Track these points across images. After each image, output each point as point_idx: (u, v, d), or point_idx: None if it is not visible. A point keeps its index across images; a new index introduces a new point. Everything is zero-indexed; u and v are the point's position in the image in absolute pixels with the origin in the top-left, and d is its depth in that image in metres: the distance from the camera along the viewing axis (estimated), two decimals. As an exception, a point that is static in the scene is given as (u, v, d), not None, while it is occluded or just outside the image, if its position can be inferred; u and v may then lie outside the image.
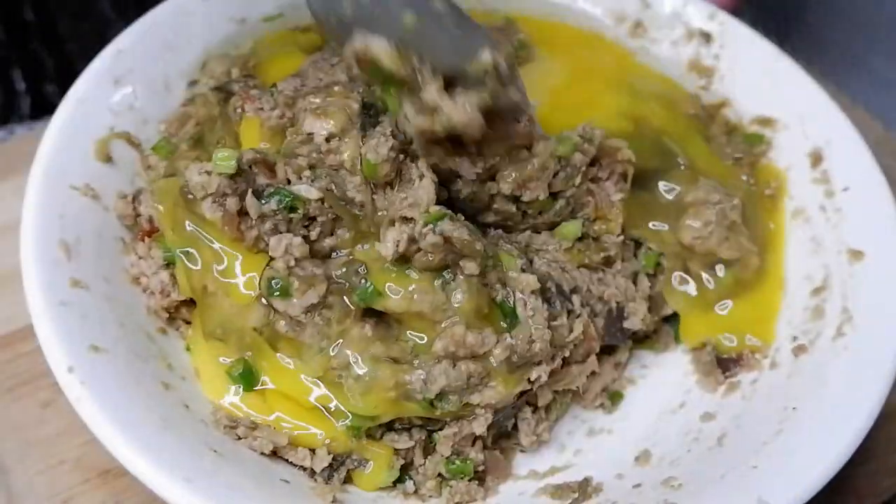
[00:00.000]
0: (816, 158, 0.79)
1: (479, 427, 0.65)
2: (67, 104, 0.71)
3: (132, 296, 0.67)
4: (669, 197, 0.76)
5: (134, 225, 0.70)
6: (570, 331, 0.67)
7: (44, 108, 0.70)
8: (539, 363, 0.66)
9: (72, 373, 0.56)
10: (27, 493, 0.65)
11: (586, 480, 0.66)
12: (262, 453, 0.62)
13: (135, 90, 0.74)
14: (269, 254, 0.64)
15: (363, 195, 0.66)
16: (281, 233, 0.64)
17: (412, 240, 0.62)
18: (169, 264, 0.67)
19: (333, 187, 0.65)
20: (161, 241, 0.67)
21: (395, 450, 0.65)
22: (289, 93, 0.72)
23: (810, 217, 0.77)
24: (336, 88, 0.70)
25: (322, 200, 0.64)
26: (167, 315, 0.67)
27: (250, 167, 0.65)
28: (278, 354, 0.64)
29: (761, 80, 0.84)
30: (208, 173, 0.63)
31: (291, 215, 0.64)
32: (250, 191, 0.64)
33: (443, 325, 0.63)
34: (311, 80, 0.74)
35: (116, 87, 0.73)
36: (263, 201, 0.64)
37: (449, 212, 0.63)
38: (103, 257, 0.67)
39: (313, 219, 0.65)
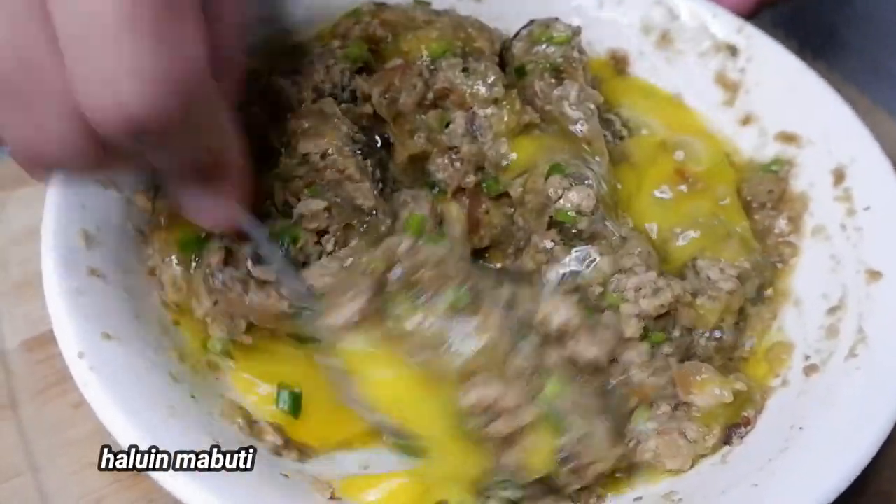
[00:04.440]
0: (839, 176, 0.78)
1: None
2: (96, 98, 0.72)
3: (149, 287, 0.68)
4: None
5: (153, 218, 0.71)
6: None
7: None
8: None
9: (81, 358, 0.58)
10: (60, 493, 0.66)
11: (589, 491, 0.66)
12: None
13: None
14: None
15: (371, 201, 0.66)
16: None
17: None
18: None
19: (339, 199, 0.66)
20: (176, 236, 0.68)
21: None
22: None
23: (830, 235, 0.76)
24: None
25: (328, 210, 0.65)
26: (177, 308, 0.68)
27: (227, 247, 0.64)
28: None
29: (787, 95, 0.83)
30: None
31: (299, 245, 0.64)
32: (249, 261, 0.63)
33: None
34: (306, 77, 0.75)
35: (144, 83, 0.75)
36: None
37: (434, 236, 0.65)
38: (123, 248, 0.68)
39: (325, 232, 0.65)
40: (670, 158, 0.81)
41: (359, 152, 0.70)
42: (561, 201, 0.69)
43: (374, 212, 0.67)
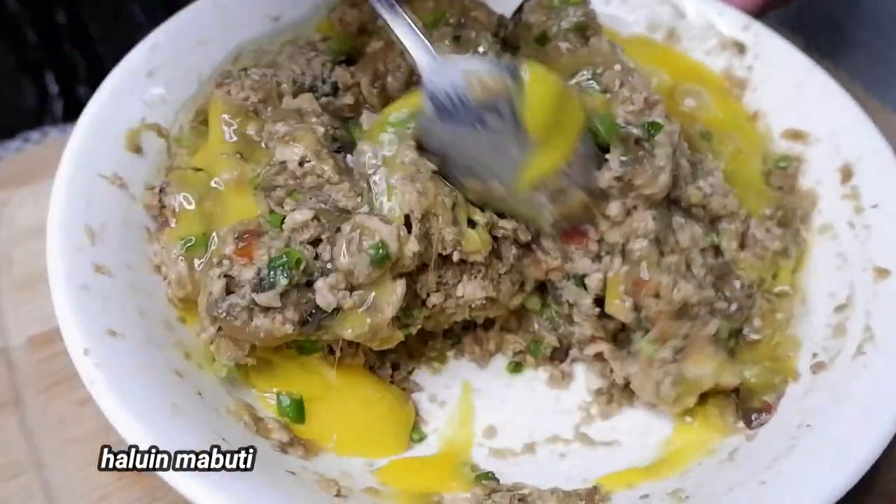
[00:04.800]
0: (847, 174, 0.78)
1: None
2: (101, 94, 0.72)
3: (154, 284, 0.68)
4: None
5: (159, 215, 0.71)
6: None
7: (76, 111, 0.72)
8: None
9: (87, 355, 0.58)
10: (64, 490, 0.66)
11: (595, 489, 0.66)
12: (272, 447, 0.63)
13: (167, 83, 0.76)
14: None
15: (352, 201, 0.66)
16: (310, 284, 0.63)
17: None
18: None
19: (323, 205, 0.65)
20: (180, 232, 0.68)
21: None
22: (256, 77, 0.74)
23: (838, 233, 0.76)
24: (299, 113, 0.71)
25: (317, 218, 0.64)
26: (183, 305, 0.67)
27: (227, 275, 0.62)
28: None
29: (794, 92, 0.83)
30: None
31: (301, 268, 0.62)
32: (252, 294, 0.61)
33: None
34: (284, 71, 0.75)
35: (149, 80, 0.75)
36: (270, 284, 0.61)
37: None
38: (127, 245, 0.68)
39: (318, 241, 0.64)
40: (678, 109, 0.83)
41: (338, 151, 0.69)
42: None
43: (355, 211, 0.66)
